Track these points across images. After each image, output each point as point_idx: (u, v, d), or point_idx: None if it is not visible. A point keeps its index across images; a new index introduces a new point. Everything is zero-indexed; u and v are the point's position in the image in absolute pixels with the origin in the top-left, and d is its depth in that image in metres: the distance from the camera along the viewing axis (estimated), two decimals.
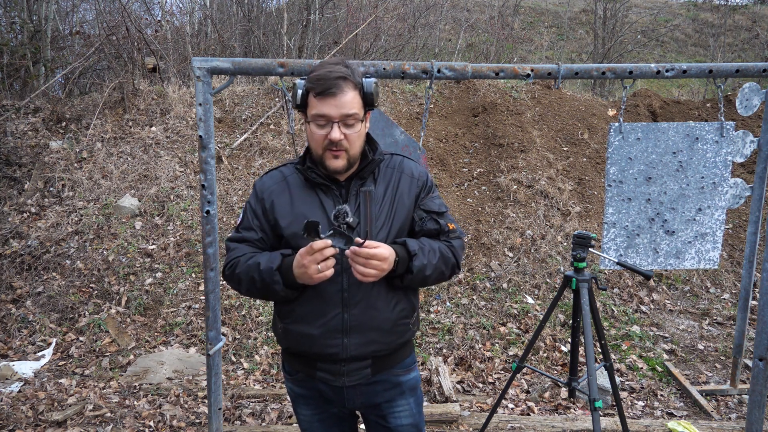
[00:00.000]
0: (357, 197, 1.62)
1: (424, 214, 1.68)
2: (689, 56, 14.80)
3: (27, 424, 3.34)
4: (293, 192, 1.65)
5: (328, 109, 1.51)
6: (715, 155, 2.84)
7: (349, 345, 1.61)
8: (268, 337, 4.28)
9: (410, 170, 1.70)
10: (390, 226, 1.62)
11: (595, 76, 2.57)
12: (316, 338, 1.61)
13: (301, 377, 1.73)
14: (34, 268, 4.80)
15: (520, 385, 3.86)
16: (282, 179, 1.69)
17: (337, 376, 1.66)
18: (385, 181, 1.66)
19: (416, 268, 1.56)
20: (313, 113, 1.54)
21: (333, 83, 1.50)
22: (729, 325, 4.63)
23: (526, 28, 15.78)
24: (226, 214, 5.37)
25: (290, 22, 9.15)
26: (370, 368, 1.67)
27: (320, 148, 1.56)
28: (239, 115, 6.66)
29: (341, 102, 1.51)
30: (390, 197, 1.64)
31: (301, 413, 1.79)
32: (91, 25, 9.79)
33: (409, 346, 1.78)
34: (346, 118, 1.52)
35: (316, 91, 1.52)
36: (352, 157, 1.58)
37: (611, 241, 2.91)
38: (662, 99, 7.28)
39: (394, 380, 1.73)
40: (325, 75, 1.51)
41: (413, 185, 1.68)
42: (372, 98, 1.58)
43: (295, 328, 1.64)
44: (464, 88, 7.21)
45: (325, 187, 1.62)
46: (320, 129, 1.54)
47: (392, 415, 1.76)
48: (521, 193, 5.72)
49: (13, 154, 5.79)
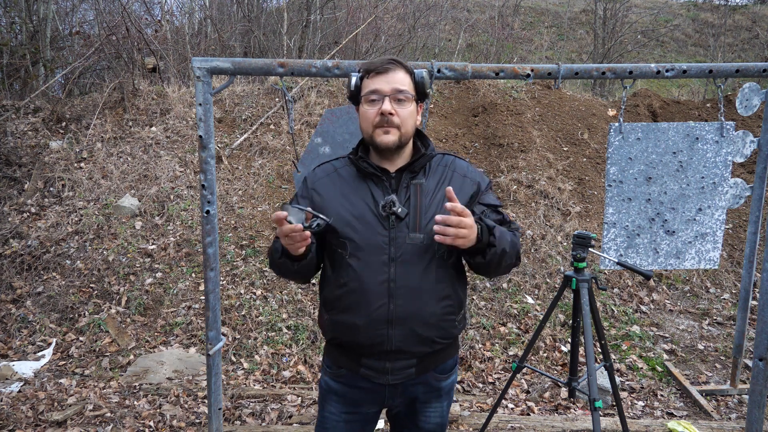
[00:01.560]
0: (407, 189, 1.62)
1: (484, 207, 1.68)
2: (689, 56, 14.80)
3: (27, 424, 3.34)
4: (344, 182, 1.66)
5: (379, 84, 1.57)
6: (715, 155, 2.84)
7: (394, 336, 1.60)
8: (268, 337, 4.28)
9: (463, 170, 1.70)
10: None
11: (595, 76, 2.57)
12: (361, 328, 1.60)
13: (342, 373, 1.71)
14: (34, 268, 4.79)
15: (520, 385, 3.86)
16: (333, 170, 1.70)
17: (381, 374, 1.65)
18: (436, 176, 1.66)
19: (497, 239, 1.54)
20: (366, 91, 1.60)
21: (385, 63, 1.60)
22: (729, 325, 4.63)
23: (526, 28, 15.78)
24: (226, 214, 5.37)
25: (290, 22, 9.15)
26: (415, 368, 1.66)
27: (371, 125, 1.59)
28: (239, 115, 6.66)
29: (393, 78, 1.58)
30: (441, 192, 1.63)
31: (329, 410, 1.76)
32: (91, 25, 9.79)
33: (454, 346, 1.76)
34: (397, 93, 1.57)
35: (369, 72, 1.60)
36: (404, 135, 1.60)
37: (611, 241, 2.91)
38: (662, 99, 7.28)
39: (434, 384, 1.73)
40: (378, 60, 1.62)
41: (465, 184, 1.68)
42: (423, 86, 1.63)
43: (340, 318, 1.63)
44: (464, 88, 7.21)
45: (376, 177, 1.62)
46: (372, 106, 1.58)
47: (423, 415, 1.76)
48: (521, 193, 5.72)
49: (13, 154, 5.79)
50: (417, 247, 1.58)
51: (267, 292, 4.66)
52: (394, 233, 1.58)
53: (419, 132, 1.70)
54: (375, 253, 1.58)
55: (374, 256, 1.58)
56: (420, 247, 1.58)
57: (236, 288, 4.67)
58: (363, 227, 1.58)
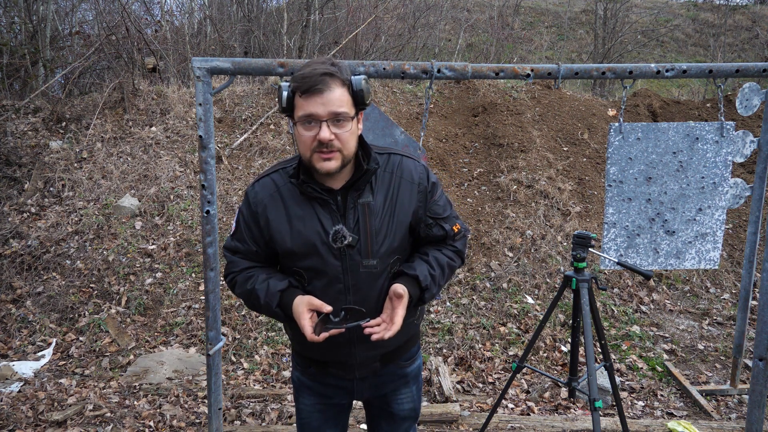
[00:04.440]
0: (355, 210, 1.55)
1: (430, 221, 1.64)
2: (689, 56, 14.80)
3: (27, 424, 3.33)
4: (288, 205, 1.58)
5: (315, 108, 1.43)
6: (715, 155, 2.84)
7: (357, 353, 1.66)
8: (268, 337, 4.28)
9: (410, 174, 1.61)
10: (392, 238, 1.58)
11: (595, 76, 2.57)
12: (325, 350, 1.64)
13: (312, 371, 1.77)
14: (34, 268, 4.79)
15: (520, 385, 3.86)
16: (275, 190, 1.60)
17: (348, 372, 1.71)
18: (383, 189, 1.58)
19: (428, 297, 1.62)
20: (300, 114, 1.46)
21: (318, 80, 1.42)
22: (729, 325, 4.63)
23: (526, 28, 15.78)
24: (226, 214, 5.37)
25: (290, 22, 9.15)
26: (380, 362, 1.71)
27: (309, 150, 1.47)
28: (239, 115, 6.66)
29: (328, 99, 1.43)
30: (390, 208, 1.57)
31: (303, 402, 1.82)
32: (91, 25, 9.78)
33: (414, 337, 1.81)
34: (334, 116, 1.44)
35: (301, 89, 1.44)
36: (346, 157, 1.50)
37: (611, 241, 2.91)
38: (662, 99, 7.28)
39: (400, 372, 1.78)
40: (310, 73, 1.43)
41: (414, 191, 1.61)
42: (362, 96, 1.50)
43: (304, 338, 1.59)
44: (464, 88, 7.21)
45: (322, 200, 1.55)
46: (308, 131, 1.46)
47: (395, 402, 1.82)
48: (521, 193, 5.72)
49: (13, 154, 5.78)
50: (371, 273, 1.57)
51: None
52: (347, 262, 1.56)
53: (361, 140, 1.59)
54: (330, 283, 1.57)
55: (330, 287, 1.58)
56: (374, 273, 1.58)
57: None
58: (316, 259, 1.56)
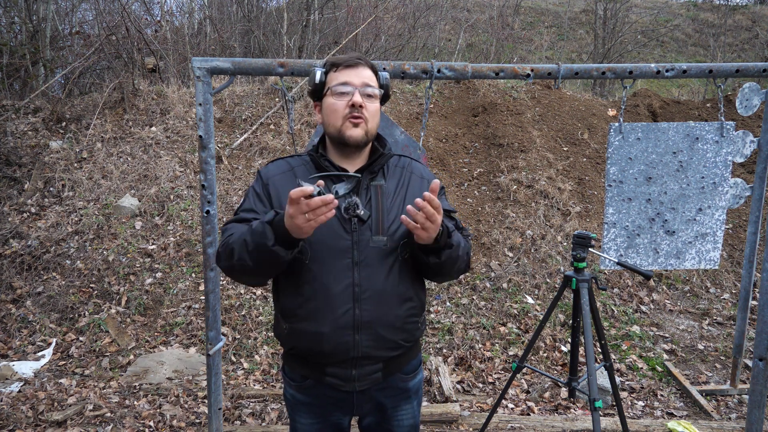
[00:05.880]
0: (368, 191, 1.60)
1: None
2: (689, 56, 14.80)
3: (27, 424, 3.34)
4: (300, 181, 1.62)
5: (349, 77, 1.57)
6: (715, 155, 2.84)
7: (361, 342, 1.56)
8: (268, 337, 4.28)
9: (420, 172, 1.71)
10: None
11: (595, 76, 2.57)
12: (326, 336, 1.53)
13: (307, 384, 1.66)
14: (34, 268, 4.79)
15: (520, 385, 3.86)
16: (289, 169, 1.65)
17: (347, 382, 1.61)
18: (395, 178, 1.66)
19: (454, 241, 1.53)
20: (334, 84, 1.57)
21: (354, 59, 1.60)
22: (729, 325, 4.63)
23: (526, 28, 15.78)
24: (226, 214, 5.37)
25: (290, 22, 9.16)
26: (381, 372, 1.64)
27: (340, 117, 1.56)
28: (239, 115, 6.66)
29: (362, 73, 1.58)
30: (401, 194, 1.62)
31: (300, 422, 1.72)
32: (91, 25, 9.78)
33: (417, 347, 1.75)
34: (366, 87, 1.57)
35: (336, 65, 1.59)
36: (370, 130, 1.59)
37: (611, 241, 2.91)
38: (662, 99, 7.28)
39: (401, 386, 1.71)
40: (346, 56, 1.62)
41: (424, 186, 1.66)
42: (387, 88, 1.65)
43: (302, 326, 1.56)
44: (464, 88, 7.21)
45: (336, 178, 1.57)
46: (341, 98, 1.56)
47: (395, 419, 1.74)
48: (521, 193, 5.72)
49: (13, 154, 5.78)
50: (380, 250, 1.55)
51: (267, 292, 4.66)
52: (357, 236, 1.54)
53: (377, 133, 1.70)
54: (338, 257, 1.53)
55: (337, 260, 1.53)
56: (383, 250, 1.56)
57: (236, 288, 4.67)
58: (325, 230, 1.51)
